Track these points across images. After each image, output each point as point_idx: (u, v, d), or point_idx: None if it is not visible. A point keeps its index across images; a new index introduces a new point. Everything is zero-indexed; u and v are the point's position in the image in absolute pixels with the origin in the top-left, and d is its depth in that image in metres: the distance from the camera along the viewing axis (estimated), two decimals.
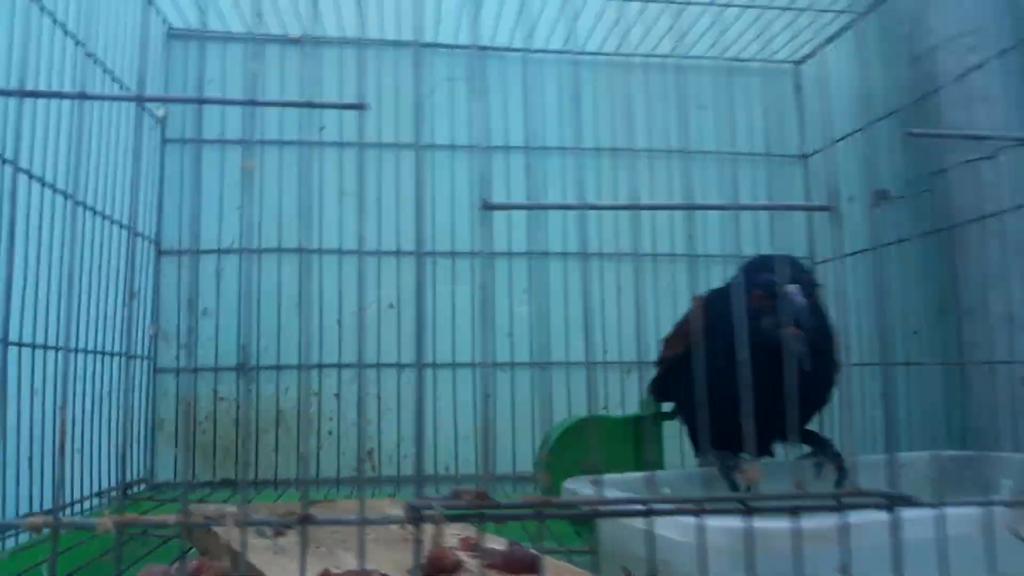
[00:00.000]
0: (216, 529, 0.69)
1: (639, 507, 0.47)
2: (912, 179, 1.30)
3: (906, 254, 1.31)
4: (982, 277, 1.16)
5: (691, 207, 0.54)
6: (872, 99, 1.32)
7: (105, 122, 1.04)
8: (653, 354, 1.28)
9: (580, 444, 0.98)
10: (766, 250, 1.31)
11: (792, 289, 0.73)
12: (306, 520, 0.45)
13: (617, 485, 0.74)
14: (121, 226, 1.08)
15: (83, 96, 0.47)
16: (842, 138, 1.31)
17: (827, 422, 0.92)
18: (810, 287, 0.77)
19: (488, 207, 0.46)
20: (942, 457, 0.84)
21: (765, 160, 1.35)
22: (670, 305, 1.29)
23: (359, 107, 0.47)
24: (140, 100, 0.48)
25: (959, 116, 1.14)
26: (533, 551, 0.61)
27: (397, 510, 0.76)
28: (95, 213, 1.01)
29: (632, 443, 1.00)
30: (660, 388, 0.96)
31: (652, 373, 0.98)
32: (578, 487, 0.70)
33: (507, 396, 1.25)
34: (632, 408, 1.25)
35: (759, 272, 0.77)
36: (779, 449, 0.89)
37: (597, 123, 1.32)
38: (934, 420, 1.20)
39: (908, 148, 1.36)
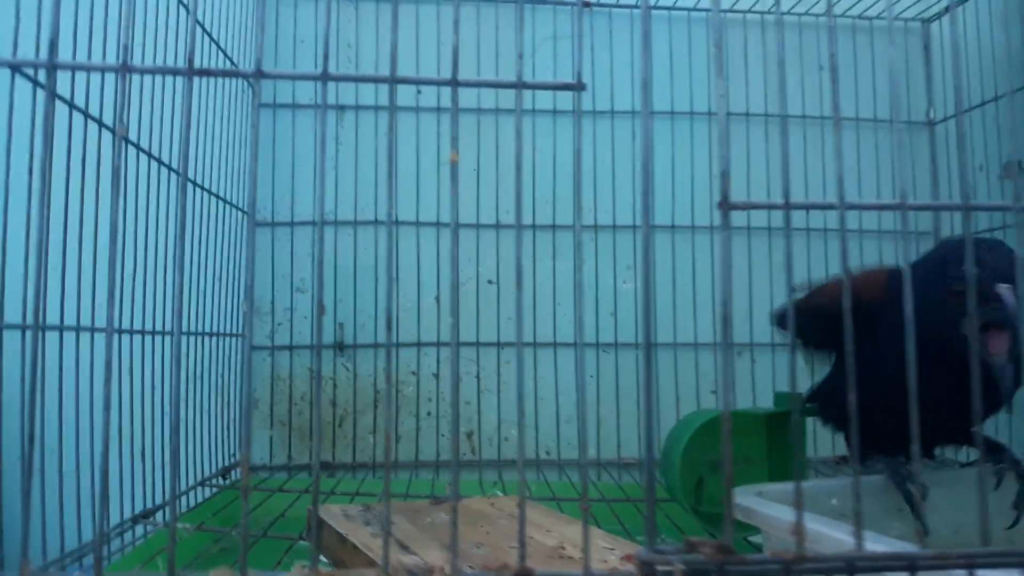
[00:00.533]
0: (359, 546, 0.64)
1: (901, 562, 0.40)
2: None
3: None
4: None
5: (900, 207, 0.46)
6: (1012, 61, 1.22)
7: (199, 88, 0.98)
8: (764, 335, 1.21)
9: (711, 441, 0.92)
10: (870, 223, 1.23)
11: (1003, 289, 0.64)
12: None
13: (779, 497, 0.67)
14: (217, 197, 1.03)
15: (193, 72, 0.40)
16: (976, 106, 1.21)
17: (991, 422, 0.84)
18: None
19: (730, 206, 0.39)
20: None
21: (888, 126, 1.26)
22: (766, 280, 1.21)
23: (576, 87, 0.40)
24: (258, 76, 0.42)
25: None
26: None
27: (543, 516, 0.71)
28: (197, 186, 0.95)
29: (765, 441, 0.93)
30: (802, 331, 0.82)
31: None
32: (749, 502, 0.63)
33: (611, 378, 1.19)
34: (745, 397, 1.19)
35: (958, 262, 0.65)
36: (940, 452, 0.82)
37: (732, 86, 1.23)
38: None
39: None
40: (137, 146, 0.81)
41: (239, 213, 1.13)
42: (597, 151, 1.21)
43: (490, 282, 1.19)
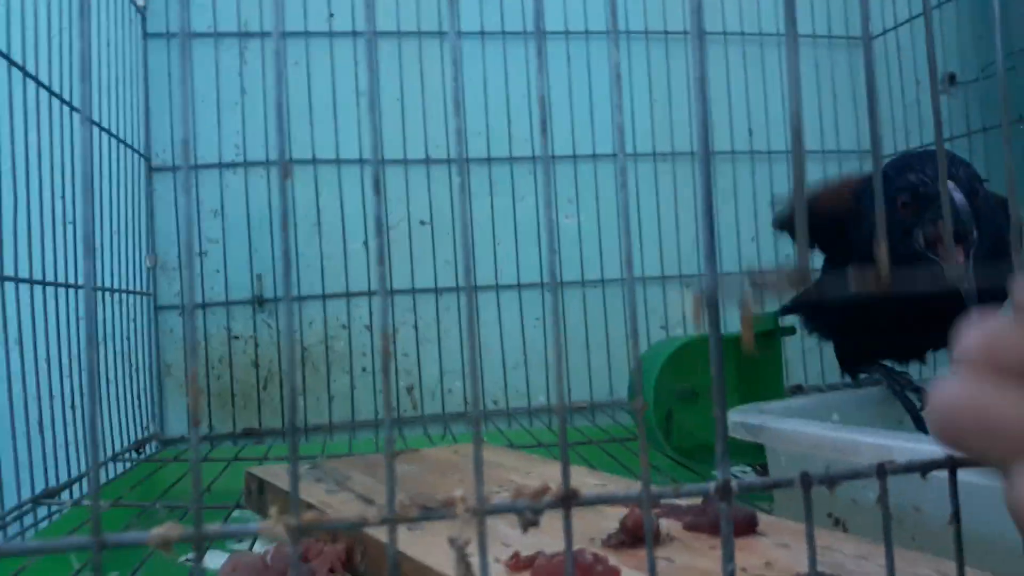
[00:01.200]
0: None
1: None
2: (990, 63, 1.17)
3: (984, 142, 1.19)
4: None
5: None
6: None
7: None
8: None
9: (683, 369, 0.85)
10: (829, 142, 1.20)
11: (950, 187, 0.56)
12: (570, 500, 0.30)
13: (784, 413, 0.61)
14: (111, 135, 0.90)
15: None
16: (906, 21, 1.17)
17: None
18: (972, 181, 0.60)
19: None
20: None
21: (827, 42, 1.21)
22: (731, 207, 1.16)
23: None
24: None
25: None
26: (746, 508, 0.48)
27: (502, 457, 0.64)
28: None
29: (734, 365, 0.87)
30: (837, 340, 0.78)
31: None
32: (755, 419, 0.56)
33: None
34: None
35: (904, 172, 0.61)
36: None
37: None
38: None
39: (986, 29, 1.23)
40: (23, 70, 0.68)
41: (136, 156, 1.00)
42: (531, 76, 1.12)
43: (423, 223, 1.09)
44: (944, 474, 0.26)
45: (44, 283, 0.70)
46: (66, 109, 0.79)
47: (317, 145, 1.07)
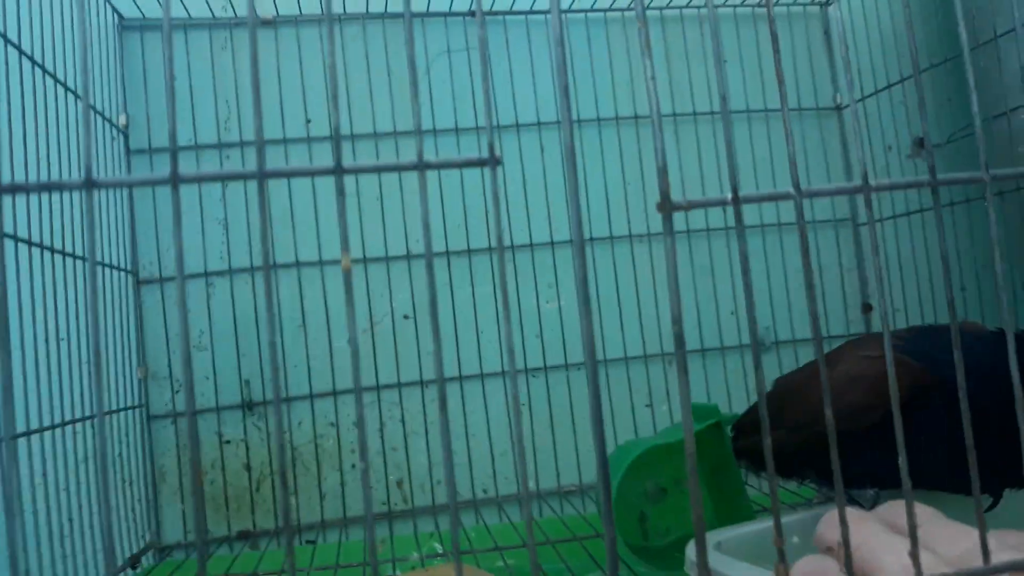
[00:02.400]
0: None
1: None
2: (964, 125, 1.18)
3: (952, 212, 1.20)
4: None
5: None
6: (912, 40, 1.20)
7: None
8: (693, 341, 1.17)
9: (645, 472, 0.87)
10: (805, 212, 1.21)
11: None
12: None
13: (739, 546, 0.63)
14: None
15: None
16: (883, 88, 1.19)
17: None
18: None
19: (673, 207, 0.32)
20: None
21: (798, 115, 1.23)
22: (708, 282, 1.18)
23: (490, 163, 0.33)
24: None
25: None
26: None
27: None
28: (67, 255, 0.85)
29: (700, 461, 0.89)
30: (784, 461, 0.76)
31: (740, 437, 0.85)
32: (718, 561, 0.58)
33: (543, 403, 1.13)
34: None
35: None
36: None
37: (606, 89, 1.19)
38: None
39: (959, 92, 1.24)
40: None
41: (123, 273, 1.03)
42: (506, 166, 1.15)
43: (406, 317, 1.12)
44: None
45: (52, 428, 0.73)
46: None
47: (300, 248, 1.09)
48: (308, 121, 1.12)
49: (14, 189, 0.29)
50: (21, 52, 0.79)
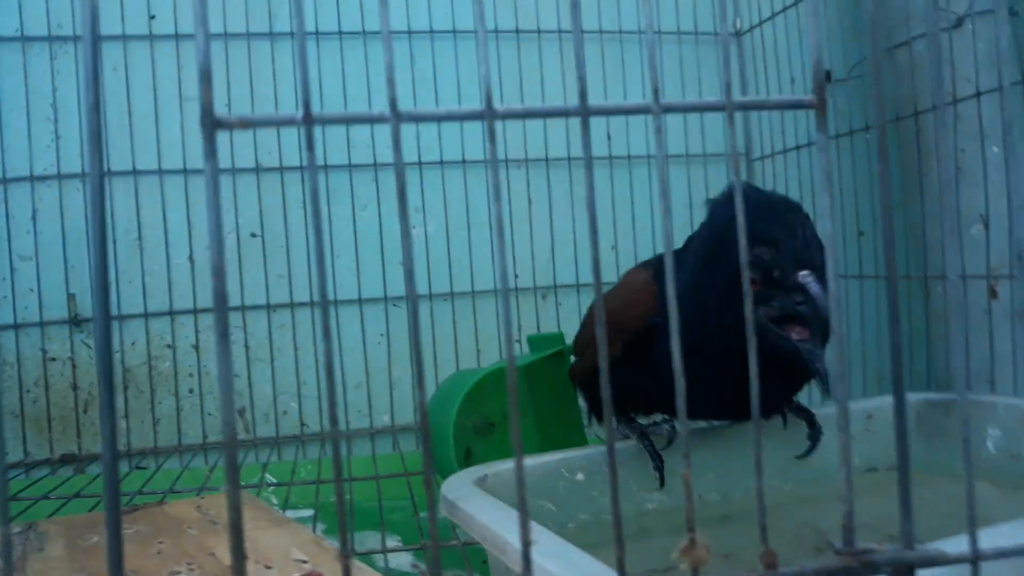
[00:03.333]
0: None
1: None
2: (863, 59, 1.11)
3: (853, 144, 1.14)
4: (944, 172, 0.99)
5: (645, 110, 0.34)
6: None
7: None
8: (568, 276, 1.10)
9: (479, 402, 0.81)
10: (695, 146, 1.14)
11: (809, 280, 0.51)
12: None
13: (499, 480, 0.56)
14: None
15: None
16: (776, 13, 1.11)
17: None
18: (821, 260, 0.53)
19: (217, 123, 0.26)
20: (917, 403, 0.69)
21: (693, 39, 1.15)
22: (582, 218, 1.11)
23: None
24: None
25: None
26: None
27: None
28: None
29: (527, 393, 0.83)
30: (587, 388, 0.72)
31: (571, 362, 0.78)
32: (457, 495, 0.51)
33: (403, 334, 1.07)
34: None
35: (752, 242, 0.52)
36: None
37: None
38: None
39: (858, 22, 1.17)
40: None
41: None
42: (371, 77, 1.06)
43: (253, 235, 1.04)
44: None
45: None
46: None
47: (137, 155, 1.01)
48: (152, 17, 1.02)
49: None
50: None
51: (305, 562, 0.54)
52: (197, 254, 1.02)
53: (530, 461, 0.59)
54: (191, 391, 1.02)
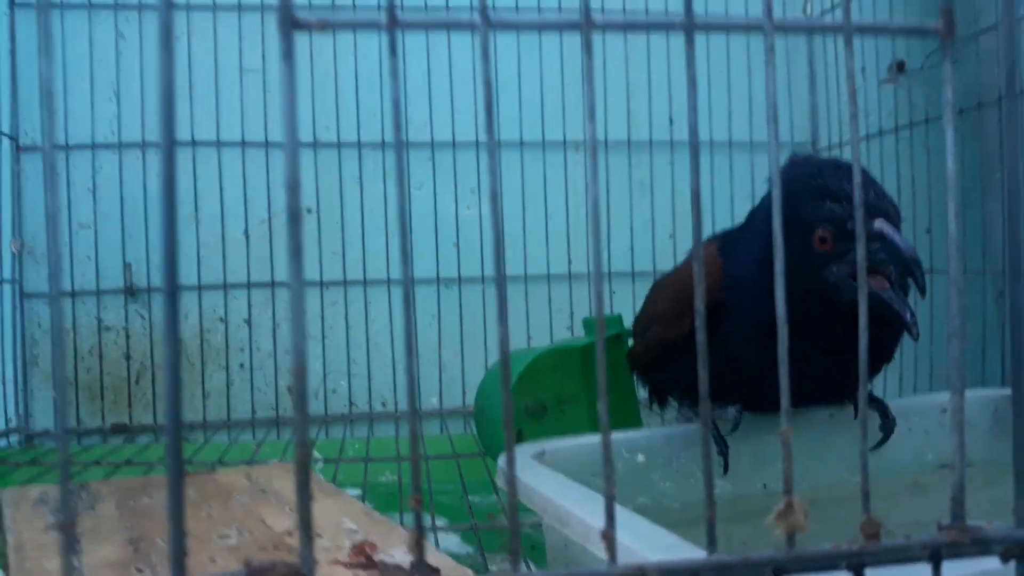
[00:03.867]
0: None
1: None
2: (936, 48, 1.06)
3: (926, 135, 1.09)
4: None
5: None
6: None
7: None
8: (623, 264, 1.08)
9: (533, 384, 0.79)
10: (759, 131, 1.10)
11: (884, 227, 0.49)
12: None
13: (565, 459, 0.54)
14: None
15: None
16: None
17: None
18: (895, 212, 0.52)
19: (296, 24, 0.24)
20: (996, 399, 0.65)
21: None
22: (647, 202, 1.08)
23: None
24: None
25: None
26: None
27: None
28: None
29: (581, 376, 0.81)
30: (648, 370, 0.69)
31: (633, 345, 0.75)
32: (524, 469, 0.49)
33: (455, 317, 1.05)
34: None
35: (819, 198, 0.52)
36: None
37: None
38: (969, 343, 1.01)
39: (932, 12, 1.12)
40: None
41: (1, 136, 0.95)
42: (432, 56, 1.05)
43: (309, 211, 1.03)
44: None
45: None
46: None
47: (196, 126, 1.01)
48: None
49: None
50: None
51: (356, 532, 0.52)
52: (252, 228, 1.02)
53: (589, 440, 0.57)
54: (242, 366, 1.02)
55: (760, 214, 0.57)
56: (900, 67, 1.15)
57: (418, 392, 0.81)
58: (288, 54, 0.24)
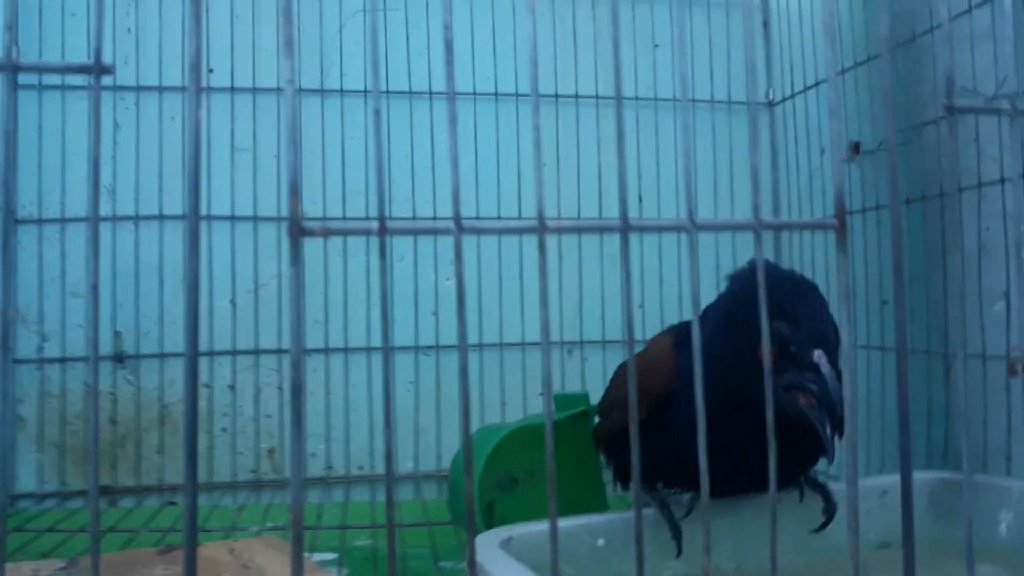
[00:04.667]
0: None
1: None
2: (898, 129, 1.13)
3: (880, 217, 1.15)
4: (968, 249, 1.00)
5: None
6: (851, 38, 1.16)
7: None
8: (594, 332, 1.13)
9: (505, 458, 0.83)
10: (724, 211, 1.16)
11: (822, 361, 0.55)
12: None
13: (532, 544, 0.58)
14: None
15: None
16: (813, 85, 1.14)
17: None
18: (835, 341, 0.57)
19: (302, 231, 0.29)
20: (931, 481, 0.70)
21: (727, 107, 1.18)
22: (616, 276, 1.13)
23: None
24: (12, 70, 0.32)
25: (959, 55, 0.97)
26: None
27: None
28: None
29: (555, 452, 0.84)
30: (613, 450, 0.74)
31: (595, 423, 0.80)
32: (486, 558, 0.54)
33: (431, 383, 1.09)
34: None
35: (771, 315, 0.57)
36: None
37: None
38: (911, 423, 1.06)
39: (900, 90, 1.19)
40: None
41: None
42: (415, 135, 1.11)
43: None
44: None
45: None
46: None
47: (188, 201, 1.05)
48: (210, 70, 1.07)
49: None
50: None
51: None
52: (239, 298, 1.06)
53: (564, 523, 0.61)
54: (224, 430, 1.05)
55: (711, 315, 0.62)
56: (856, 148, 1.22)
57: (394, 456, 0.86)
58: (296, 259, 0.28)
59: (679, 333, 0.66)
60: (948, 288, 0.96)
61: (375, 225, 0.30)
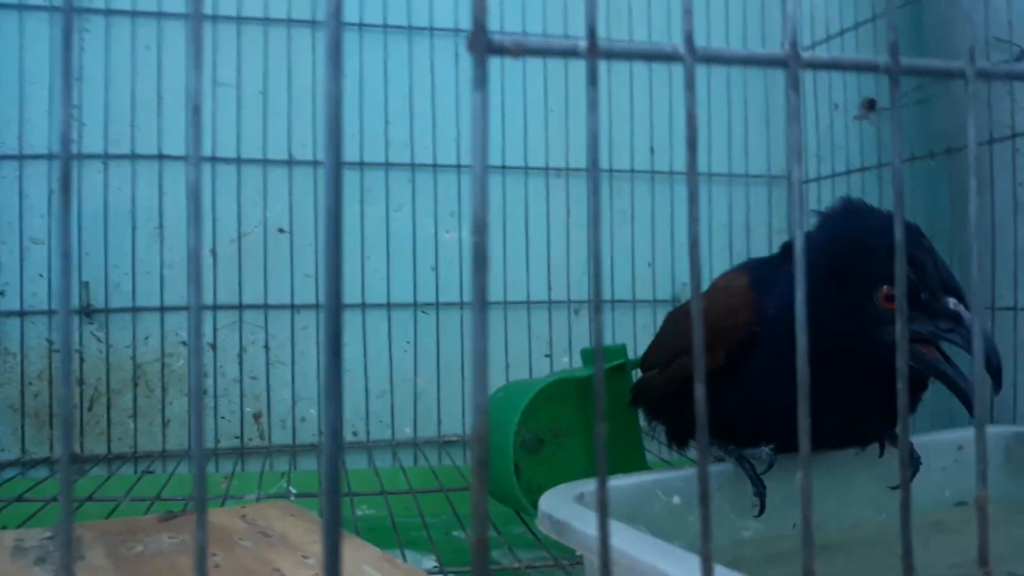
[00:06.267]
0: None
1: None
2: (918, 85, 1.09)
3: (914, 169, 1.11)
4: (999, 206, 0.97)
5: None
6: None
7: None
8: (608, 291, 1.06)
9: (532, 417, 0.76)
10: (738, 165, 1.11)
11: (962, 309, 0.49)
12: None
13: (613, 500, 0.51)
14: None
15: None
16: (823, 40, 1.09)
17: None
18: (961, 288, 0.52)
19: (491, 48, 0.22)
20: (1006, 436, 0.66)
21: (741, 69, 1.12)
22: (627, 230, 1.07)
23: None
24: None
25: (995, 2, 0.92)
26: None
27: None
28: None
29: (578, 409, 0.78)
30: (665, 406, 0.67)
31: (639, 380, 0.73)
32: (563, 514, 0.47)
33: (431, 343, 1.02)
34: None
35: (888, 259, 0.51)
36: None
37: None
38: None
39: (913, 48, 1.15)
40: None
41: None
42: (415, 75, 1.02)
43: (281, 231, 0.98)
44: None
45: None
46: None
47: (165, 139, 0.95)
48: None
49: None
50: None
51: None
52: (221, 247, 0.96)
53: (624, 481, 0.55)
54: (205, 392, 0.96)
55: (810, 254, 0.55)
56: (871, 104, 1.18)
57: (392, 420, 0.78)
58: (481, 82, 0.21)
59: (754, 272, 0.60)
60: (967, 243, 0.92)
61: (582, 44, 0.22)
